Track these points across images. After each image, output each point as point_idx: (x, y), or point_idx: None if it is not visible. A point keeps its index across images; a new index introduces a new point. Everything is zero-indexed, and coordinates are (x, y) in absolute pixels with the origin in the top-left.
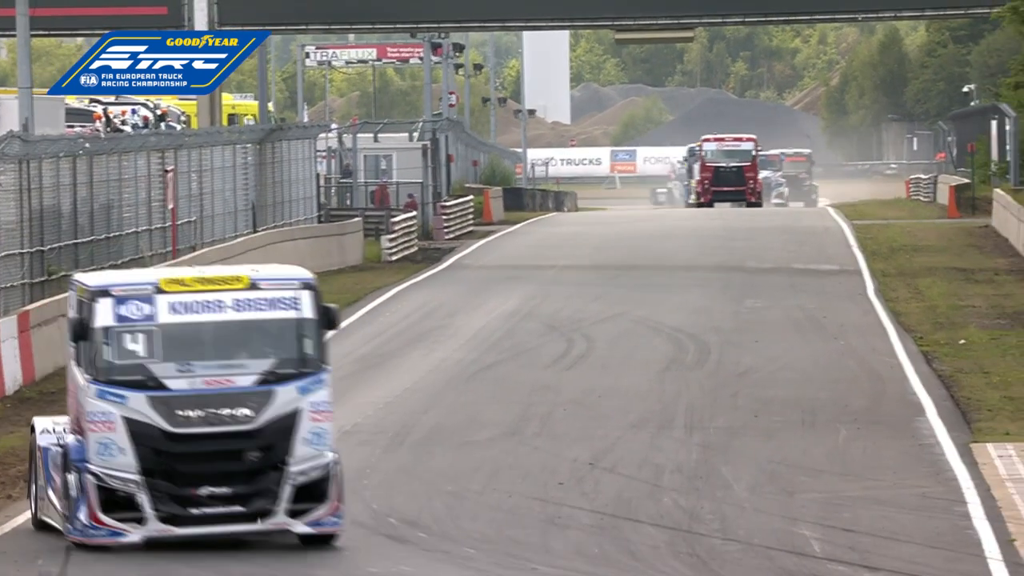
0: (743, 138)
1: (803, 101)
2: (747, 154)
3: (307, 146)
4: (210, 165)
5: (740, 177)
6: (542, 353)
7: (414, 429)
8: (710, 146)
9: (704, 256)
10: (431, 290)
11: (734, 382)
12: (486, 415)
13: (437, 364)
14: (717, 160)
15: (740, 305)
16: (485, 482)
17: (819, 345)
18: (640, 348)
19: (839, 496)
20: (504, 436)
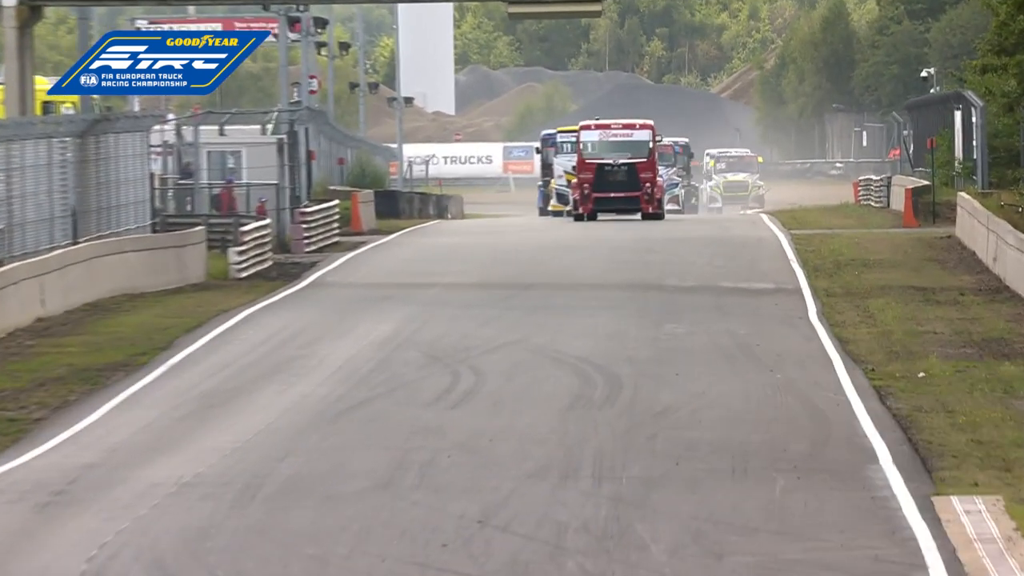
0: (636, 124)
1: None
2: (642, 147)
3: (138, 140)
4: (20, 163)
5: (633, 179)
6: (422, 388)
7: (268, 480)
8: (591, 136)
9: (615, 272)
10: (289, 313)
11: (651, 423)
12: (355, 463)
13: (296, 402)
14: (601, 155)
15: (658, 331)
16: (354, 544)
17: (752, 378)
18: (539, 382)
19: (776, 559)
20: (377, 488)
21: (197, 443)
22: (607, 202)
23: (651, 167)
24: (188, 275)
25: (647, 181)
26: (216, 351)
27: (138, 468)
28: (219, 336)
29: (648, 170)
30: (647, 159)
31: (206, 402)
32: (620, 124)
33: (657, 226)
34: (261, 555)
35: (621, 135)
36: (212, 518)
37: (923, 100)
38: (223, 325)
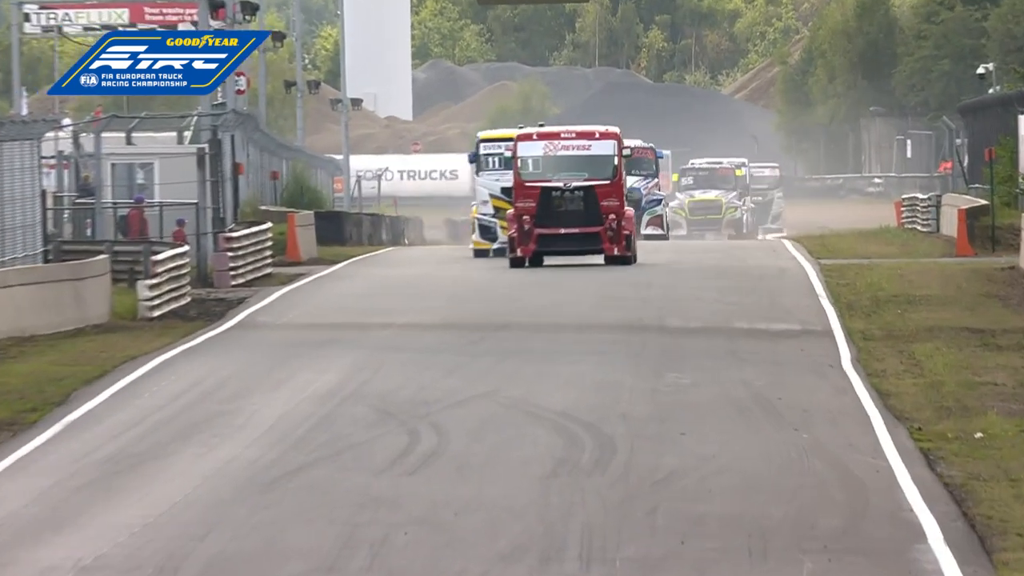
0: (596, 133)
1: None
2: (604, 164)
3: (27, 151)
4: None
5: (591, 208)
6: (373, 451)
7: (186, 562)
8: (532, 148)
9: (606, 310)
10: (211, 360)
11: (650, 493)
12: (292, 541)
13: (220, 467)
14: (547, 174)
15: (658, 381)
16: None
17: (773, 438)
18: (514, 443)
19: None
20: (318, 572)
21: (100, 518)
22: (555, 241)
23: (616, 191)
24: (88, 314)
25: (611, 211)
26: (123, 407)
27: (28, 548)
28: (126, 388)
29: (613, 195)
30: (611, 180)
31: (111, 468)
32: (573, 132)
33: (658, 252)
34: None
35: (575, 148)
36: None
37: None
38: (131, 375)
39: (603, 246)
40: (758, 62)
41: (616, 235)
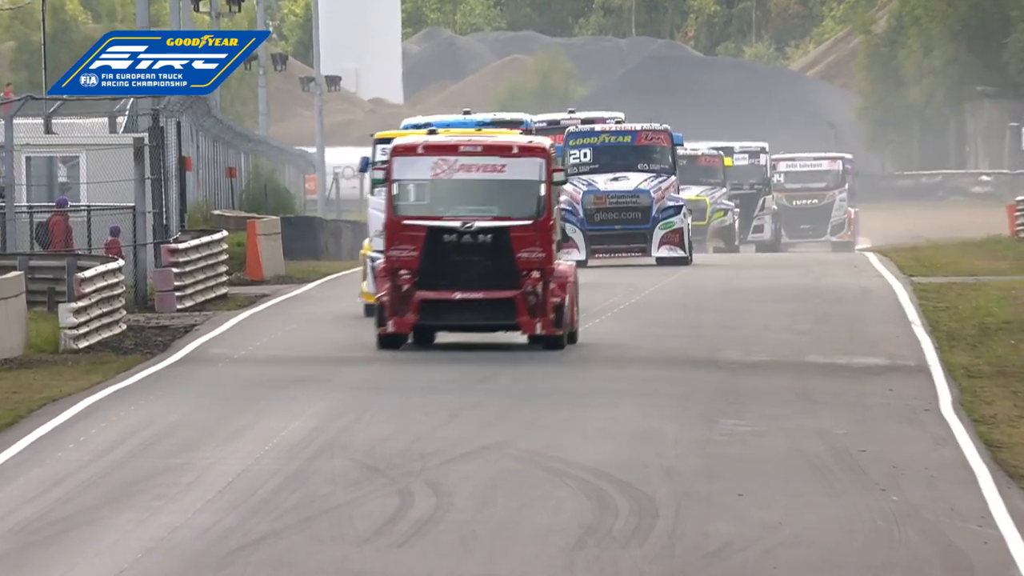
0: (514, 146)
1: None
2: (525, 193)
3: None
4: None
5: (503, 261)
6: (355, 516)
7: None
8: (412, 167)
9: (647, 339)
10: (152, 402)
11: (700, 569)
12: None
13: (163, 537)
14: (436, 207)
15: (711, 430)
16: None
17: (855, 502)
18: (532, 507)
19: None
20: None
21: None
22: (447, 310)
23: (542, 237)
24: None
25: (534, 266)
26: (40, 461)
27: None
28: (45, 438)
29: (537, 243)
30: (536, 220)
31: (24, 539)
32: (479, 145)
33: (710, 270)
34: None
35: (481, 168)
36: None
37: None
38: (51, 421)
39: (519, 319)
40: (835, 31)
41: (540, 304)
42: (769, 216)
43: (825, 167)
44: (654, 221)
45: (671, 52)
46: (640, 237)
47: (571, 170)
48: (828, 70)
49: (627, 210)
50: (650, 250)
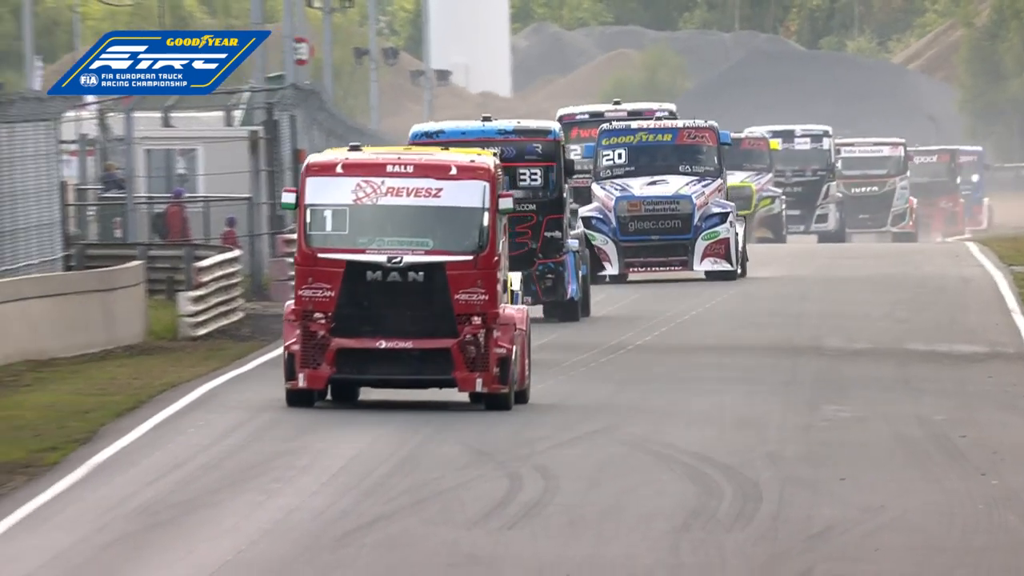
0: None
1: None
2: (466, 224)
3: (43, 133)
4: None
5: (437, 306)
6: (465, 499)
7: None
8: (329, 189)
9: (750, 327)
10: (268, 389)
11: (804, 551)
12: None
13: (279, 520)
14: (355, 240)
15: (813, 415)
16: None
17: (955, 486)
18: (638, 491)
19: None
20: None
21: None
22: (370, 361)
23: (485, 275)
24: (119, 333)
25: (475, 311)
26: (161, 445)
27: None
28: (165, 423)
29: (479, 282)
30: (478, 254)
31: (146, 521)
32: (411, 164)
33: (812, 260)
34: None
35: (413, 192)
36: None
37: None
38: (171, 407)
39: (455, 374)
40: (937, 24)
41: (481, 356)
42: (833, 204)
43: (886, 153)
44: (696, 231)
45: (774, 47)
46: (680, 249)
47: (604, 172)
48: (929, 63)
49: (665, 218)
50: (692, 263)
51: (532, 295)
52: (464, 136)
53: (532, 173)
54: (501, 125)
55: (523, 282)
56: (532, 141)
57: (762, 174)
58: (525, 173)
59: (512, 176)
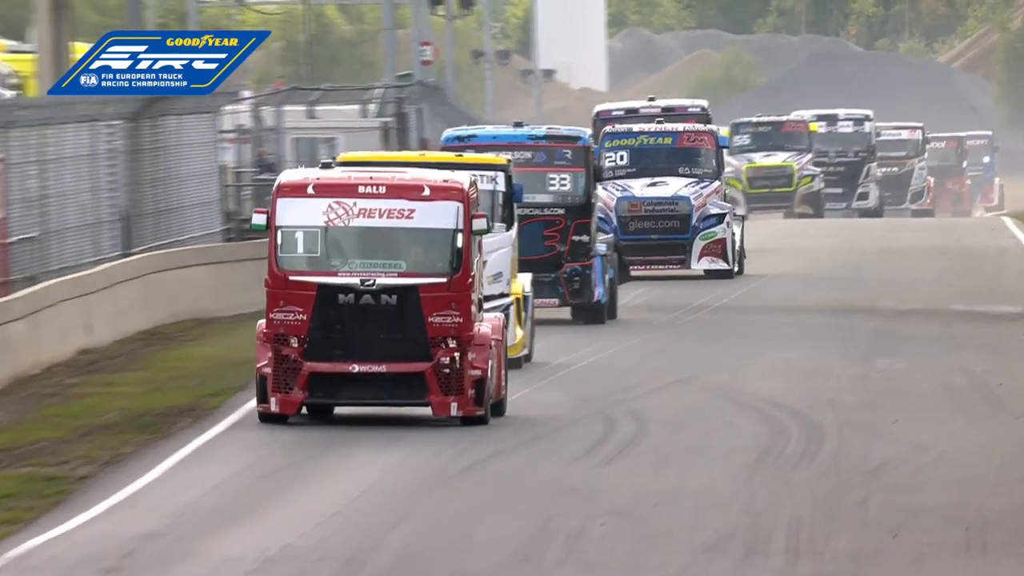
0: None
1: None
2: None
3: (206, 124)
4: (57, 153)
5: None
6: (568, 439)
7: (375, 554)
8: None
9: (815, 291)
10: None
11: (862, 483)
12: (484, 532)
13: (408, 456)
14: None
15: (869, 367)
16: None
17: (993, 429)
18: (717, 432)
19: None
20: (513, 564)
21: (285, 507)
22: (342, 385)
23: (460, 297)
24: None
25: (448, 333)
26: None
27: (210, 539)
28: None
29: (453, 304)
30: (452, 275)
31: (295, 456)
32: (383, 184)
33: (869, 231)
34: None
35: (386, 213)
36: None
37: None
38: None
39: (430, 398)
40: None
41: (455, 378)
42: (873, 183)
43: (904, 136)
44: (694, 230)
45: (836, 48)
46: (679, 248)
47: (606, 173)
48: (970, 62)
49: (664, 218)
50: (689, 262)
51: (560, 297)
52: (495, 141)
53: (562, 178)
54: (532, 131)
55: (550, 284)
56: (562, 147)
57: (802, 154)
58: (555, 178)
59: (542, 181)
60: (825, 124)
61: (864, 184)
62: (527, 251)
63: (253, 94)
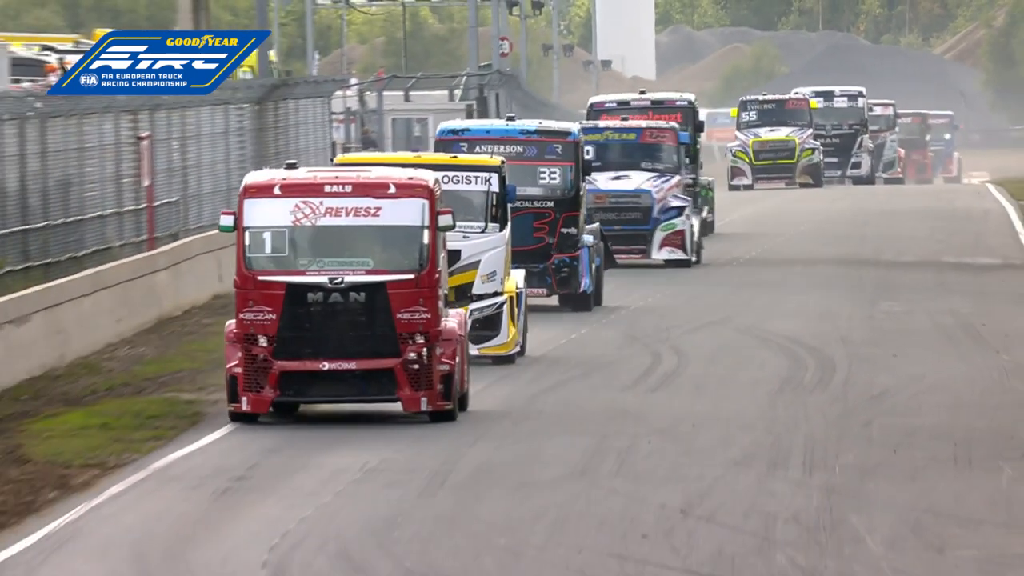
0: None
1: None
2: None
3: (319, 106)
4: (196, 131)
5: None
6: (620, 370)
7: (457, 467)
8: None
9: (827, 246)
10: None
11: (867, 408)
12: (550, 449)
13: (486, 386)
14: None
15: (874, 309)
16: (548, 534)
17: (977, 361)
18: (745, 364)
19: (1003, 554)
20: (572, 476)
21: (383, 429)
22: (312, 383)
23: (426, 294)
24: None
25: (417, 329)
26: None
27: (321, 453)
28: None
29: (421, 301)
30: (419, 272)
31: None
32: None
33: (873, 196)
34: (451, 546)
35: (352, 211)
36: (399, 506)
37: None
38: None
39: (399, 393)
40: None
41: (424, 373)
42: (866, 154)
43: (879, 112)
44: (655, 222)
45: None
46: (640, 239)
47: None
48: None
49: (627, 210)
50: (650, 252)
51: (548, 287)
52: (489, 135)
53: (551, 172)
54: (524, 125)
55: (539, 275)
56: (553, 141)
57: (804, 129)
58: (545, 172)
59: (532, 174)
60: (823, 100)
61: (857, 154)
62: (517, 242)
63: (359, 82)
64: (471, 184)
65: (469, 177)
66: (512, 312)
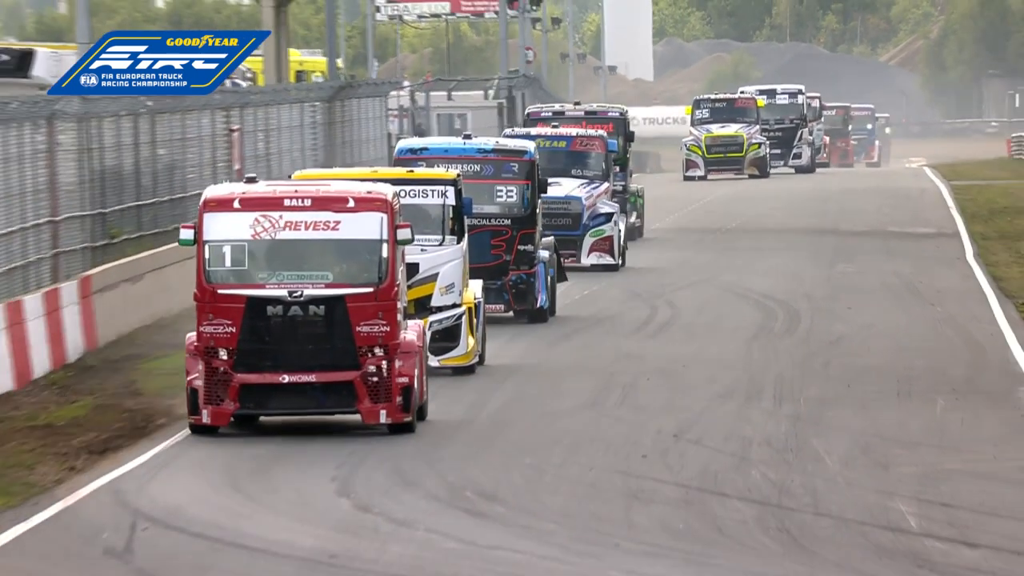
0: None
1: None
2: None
3: (378, 104)
4: (277, 124)
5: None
6: (624, 320)
7: (492, 399)
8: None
9: (795, 219)
10: None
11: (826, 351)
12: (567, 384)
13: (516, 335)
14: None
15: (832, 270)
16: (566, 455)
17: (916, 312)
18: (727, 315)
19: (937, 470)
20: (586, 406)
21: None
22: (272, 396)
23: (386, 307)
24: None
25: (375, 342)
26: None
27: None
28: None
29: (380, 314)
30: (379, 285)
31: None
32: (307, 196)
33: (833, 177)
34: (485, 463)
35: (311, 225)
36: (444, 430)
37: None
38: None
39: (359, 406)
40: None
41: (383, 386)
42: (806, 145)
43: (800, 101)
44: (584, 228)
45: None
46: (570, 244)
47: None
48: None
49: (558, 216)
50: (580, 257)
51: (505, 303)
52: (447, 153)
53: (508, 190)
54: (481, 144)
55: (496, 291)
56: (509, 160)
57: (751, 125)
58: (502, 190)
59: (489, 192)
60: (767, 97)
61: (798, 146)
62: (475, 259)
63: (410, 84)
64: (428, 198)
65: (426, 191)
66: (471, 323)
